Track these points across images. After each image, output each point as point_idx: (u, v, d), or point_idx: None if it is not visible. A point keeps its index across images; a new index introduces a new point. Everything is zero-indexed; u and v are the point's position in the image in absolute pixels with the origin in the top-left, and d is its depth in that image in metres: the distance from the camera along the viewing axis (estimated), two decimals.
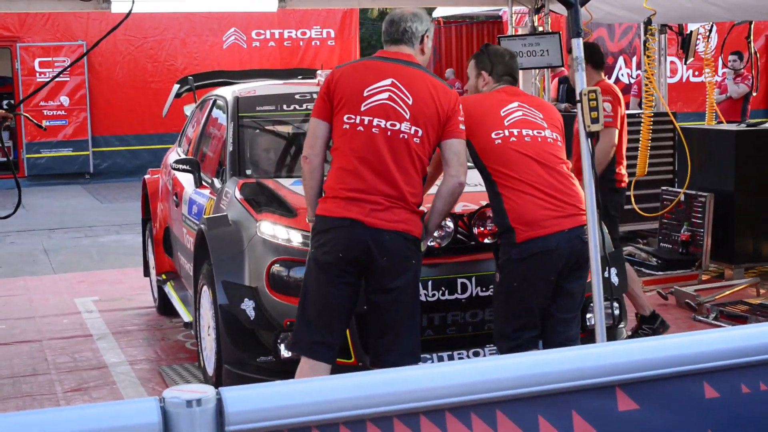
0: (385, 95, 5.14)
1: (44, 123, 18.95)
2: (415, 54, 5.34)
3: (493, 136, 5.45)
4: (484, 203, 5.99)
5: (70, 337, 8.52)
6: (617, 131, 7.54)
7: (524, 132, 5.48)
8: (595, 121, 4.74)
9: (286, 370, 5.68)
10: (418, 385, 2.27)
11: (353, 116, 5.13)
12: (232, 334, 5.97)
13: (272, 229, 6.04)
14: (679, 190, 10.33)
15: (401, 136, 5.11)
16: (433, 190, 5.42)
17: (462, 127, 5.26)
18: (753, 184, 9.96)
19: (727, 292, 9.22)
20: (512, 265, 5.36)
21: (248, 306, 5.90)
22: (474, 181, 6.34)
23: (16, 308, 9.71)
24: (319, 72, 7.98)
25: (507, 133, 5.46)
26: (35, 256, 12.98)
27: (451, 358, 5.90)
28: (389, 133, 5.10)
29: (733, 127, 10.78)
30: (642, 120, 10.33)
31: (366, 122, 5.11)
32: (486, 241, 6.01)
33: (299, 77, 8.86)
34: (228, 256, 6.13)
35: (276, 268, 5.92)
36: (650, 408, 2.43)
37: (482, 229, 6.03)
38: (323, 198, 5.20)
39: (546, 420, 2.34)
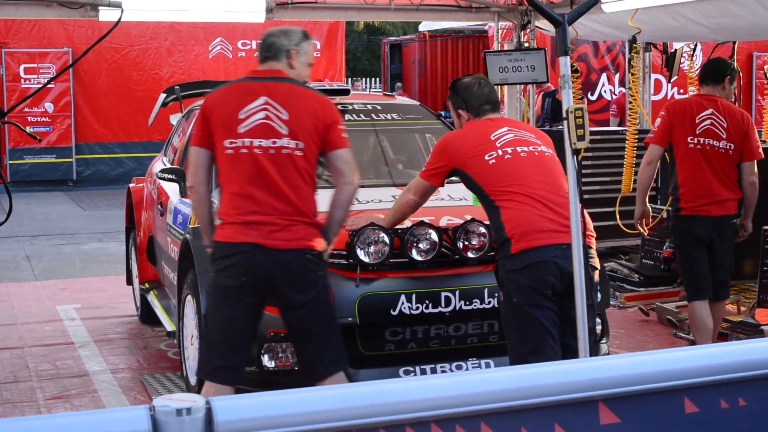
0: (261, 114, 5.15)
1: (29, 129, 18.90)
2: (284, 69, 5.35)
3: (486, 158, 5.39)
4: (468, 217, 6.02)
5: (52, 345, 8.50)
6: (660, 149, 7.49)
7: (519, 149, 5.44)
8: (581, 138, 4.76)
9: (269, 381, 5.73)
10: (404, 397, 2.29)
11: (234, 140, 5.13)
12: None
13: None
14: (662, 207, 10.37)
15: (284, 152, 5.13)
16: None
17: (344, 135, 5.28)
18: None
19: None
20: (509, 277, 5.26)
21: None
22: (458, 195, 6.37)
23: None
24: (307, 84, 7.98)
25: (500, 152, 5.41)
26: (17, 263, 12.95)
27: (434, 371, 5.88)
28: (272, 151, 5.12)
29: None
30: (626, 137, 10.39)
31: (247, 144, 5.12)
32: (470, 255, 6.03)
33: None
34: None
35: None
36: (631, 422, 2.46)
37: (467, 243, 6.04)
38: (220, 225, 5.22)
39: None
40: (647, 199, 7.62)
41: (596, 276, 5.50)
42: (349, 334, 5.83)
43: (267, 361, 5.83)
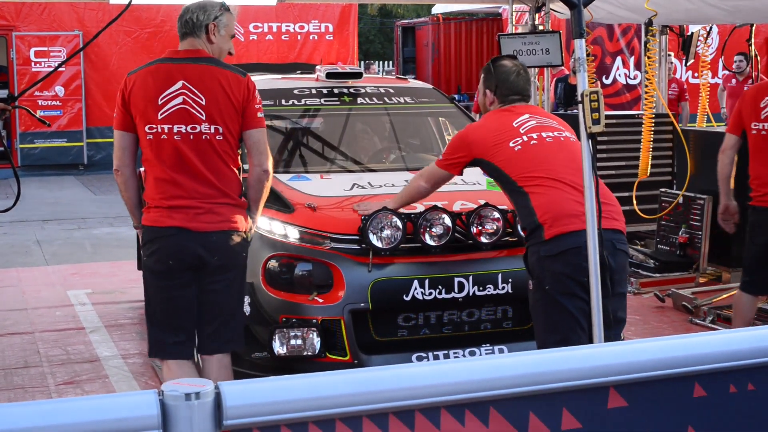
0: (179, 99, 5.19)
1: (38, 113, 18.93)
2: (203, 45, 5.36)
3: (511, 145, 5.32)
4: (482, 202, 5.99)
5: (63, 330, 8.51)
6: (733, 137, 7.38)
7: (543, 134, 5.37)
8: (596, 122, 4.72)
9: (280, 366, 5.73)
10: (414, 382, 2.29)
11: (154, 126, 5.20)
12: None
13: (269, 225, 6.03)
14: (677, 192, 10.33)
15: (204, 137, 5.18)
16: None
17: (259, 115, 5.27)
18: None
19: (725, 296, 9.21)
20: (542, 264, 5.13)
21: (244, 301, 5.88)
22: (472, 179, 6.33)
23: (8, 300, 9.69)
24: (318, 67, 7.97)
25: (525, 138, 5.34)
26: (28, 247, 12.96)
27: (446, 357, 5.87)
28: (192, 137, 5.17)
29: None
30: (642, 121, 10.34)
31: (167, 130, 5.18)
32: (483, 240, 6.00)
33: (298, 72, 8.77)
34: None
35: (272, 263, 5.93)
36: (638, 406, 2.47)
37: (480, 228, 6.02)
38: (147, 208, 5.30)
39: (537, 417, 2.37)
40: (730, 193, 7.47)
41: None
42: (362, 320, 5.84)
43: (278, 347, 5.82)
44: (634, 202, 10.14)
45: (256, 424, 2.11)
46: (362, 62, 30.06)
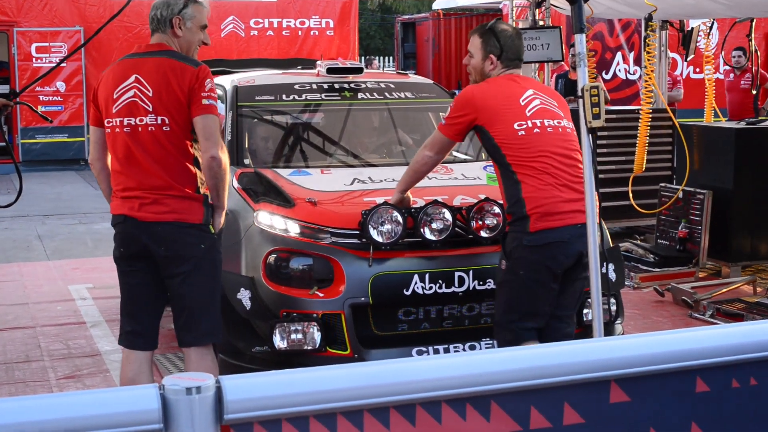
0: (131, 93, 5.25)
1: (40, 108, 18.92)
2: (168, 39, 5.39)
3: (515, 126, 5.40)
4: (482, 197, 5.99)
5: (64, 324, 8.52)
6: None
7: (546, 122, 5.44)
8: (596, 116, 4.73)
9: (281, 361, 5.71)
10: (415, 377, 2.29)
11: (110, 120, 5.30)
12: (228, 324, 5.97)
13: (269, 219, 6.03)
14: (677, 186, 10.34)
15: (149, 129, 5.21)
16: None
17: (206, 102, 5.20)
18: (751, 182, 9.97)
19: (724, 290, 9.24)
20: (522, 252, 5.31)
21: (244, 296, 5.90)
22: (473, 174, 6.34)
23: (9, 294, 9.70)
24: (319, 62, 7.97)
25: (530, 123, 5.41)
26: (29, 242, 12.97)
27: (447, 351, 5.88)
28: (139, 129, 5.22)
29: (732, 124, 10.79)
30: (640, 116, 10.34)
31: (118, 123, 5.27)
32: (484, 234, 6.01)
33: (299, 67, 8.80)
34: (225, 245, 6.13)
35: (273, 258, 5.92)
36: (641, 400, 2.46)
37: (480, 222, 6.03)
38: (112, 196, 5.41)
39: (538, 411, 2.37)
40: None
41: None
42: (362, 314, 5.85)
43: (279, 341, 5.81)
44: (631, 197, 10.14)
45: (257, 418, 2.11)
46: (363, 58, 30.04)
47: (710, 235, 9.94)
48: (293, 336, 5.79)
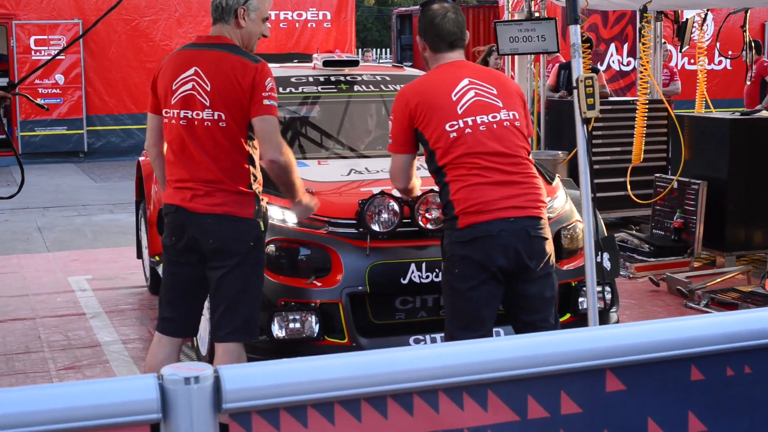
0: (189, 86, 5.22)
1: (39, 100, 18.92)
2: (230, 30, 5.35)
3: (447, 128, 5.12)
4: None
5: (64, 316, 8.54)
6: None
7: (479, 119, 5.11)
8: (591, 107, 4.75)
9: (279, 350, 5.76)
10: (412, 365, 2.29)
11: (168, 110, 5.28)
12: None
13: (267, 210, 6.03)
14: (672, 177, 10.37)
15: (205, 124, 5.19)
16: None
17: (267, 102, 5.16)
18: (746, 172, 9.99)
19: (719, 280, 9.28)
20: (453, 249, 5.10)
21: None
22: None
23: (9, 286, 9.72)
24: (315, 56, 8.01)
25: (461, 123, 5.10)
26: (29, 234, 12.98)
27: (443, 339, 5.86)
28: (195, 123, 5.20)
29: (727, 115, 10.81)
30: (636, 107, 10.37)
31: (175, 115, 5.25)
32: None
33: (295, 61, 8.88)
34: None
35: (270, 248, 5.95)
36: (636, 389, 2.47)
37: None
38: (167, 184, 5.41)
39: (535, 400, 2.38)
40: None
41: (548, 246, 5.20)
42: (360, 303, 5.90)
43: (277, 330, 5.86)
44: (629, 187, 10.17)
45: (255, 407, 2.12)
46: (360, 50, 30.02)
47: (705, 225, 9.97)
48: (291, 325, 5.84)
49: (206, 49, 5.30)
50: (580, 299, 6.15)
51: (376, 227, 5.92)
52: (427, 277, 5.94)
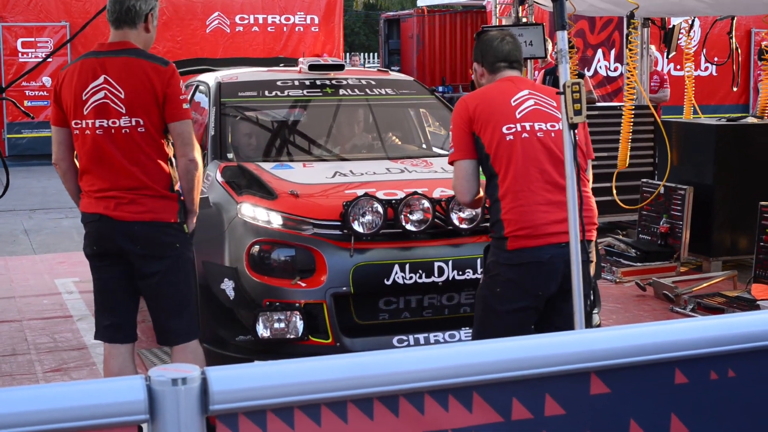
0: (101, 94, 5.19)
1: (26, 104, 18.91)
2: (136, 35, 5.34)
3: (504, 130, 5.03)
4: None
5: (50, 318, 8.53)
6: None
7: (536, 126, 5.06)
8: (578, 113, 4.76)
9: (264, 350, 5.84)
10: (398, 368, 2.30)
11: (79, 121, 5.24)
12: (211, 314, 6.04)
13: (252, 211, 6.12)
14: (658, 182, 10.39)
15: (123, 131, 5.18)
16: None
17: (185, 106, 5.24)
18: (732, 177, 10.03)
19: (705, 284, 9.30)
20: (499, 269, 5.02)
21: (228, 286, 6.00)
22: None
23: None
24: (301, 60, 8.05)
25: (519, 127, 5.03)
26: (16, 236, 12.96)
27: (427, 340, 6.00)
28: (113, 131, 5.18)
29: (713, 121, 10.86)
30: (623, 113, 10.40)
31: (90, 125, 5.21)
32: (463, 226, 6.11)
33: (281, 65, 8.96)
34: (209, 237, 6.19)
35: (256, 249, 6.00)
36: (620, 392, 2.48)
37: (459, 214, 6.12)
38: (82, 194, 5.39)
39: (519, 401, 2.39)
40: None
41: (592, 269, 5.25)
42: (344, 304, 5.95)
43: (262, 330, 5.90)
44: (614, 192, 10.20)
45: (242, 409, 2.13)
46: (347, 54, 30.04)
47: (691, 230, 10.00)
48: (276, 325, 5.88)
49: (113, 57, 5.26)
50: None
51: (359, 229, 5.96)
52: (411, 278, 5.98)
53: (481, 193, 5.24)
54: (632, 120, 10.37)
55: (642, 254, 10.11)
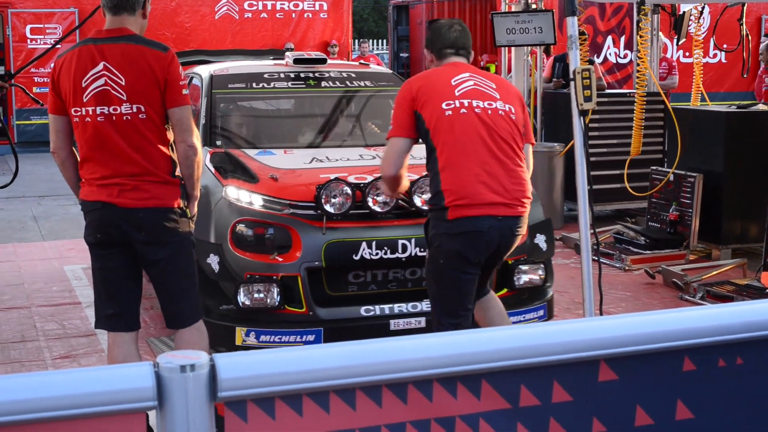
0: (101, 81, 5.18)
1: (34, 90, 18.91)
2: (133, 21, 5.32)
3: (443, 106, 5.41)
4: (424, 173, 6.31)
5: (59, 305, 8.55)
6: None
7: (475, 103, 5.42)
8: (588, 99, 4.75)
9: (245, 317, 6.38)
10: (407, 356, 2.30)
11: (79, 108, 5.22)
12: (199, 285, 6.26)
13: (236, 193, 6.63)
14: (668, 170, 10.38)
15: (125, 118, 5.18)
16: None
17: (184, 92, 5.24)
18: (742, 165, 10.01)
19: (714, 272, 9.29)
20: (441, 240, 5.45)
21: (213, 260, 6.44)
22: (418, 155, 6.61)
23: (5, 275, 9.73)
24: (287, 54, 8.70)
25: (458, 103, 5.40)
26: (24, 223, 12.98)
27: (392, 310, 6.54)
28: (114, 118, 5.18)
29: (723, 108, 10.82)
30: (634, 99, 10.36)
31: (91, 112, 5.19)
32: (425, 207, 6.48)
33: (271, 58, 9.69)
34: (197, 216, 6.39)
35: (239, 227, 6.49)
36: (628, 379, 2.49)
37: (422, 196, 6.55)
38: (82, 183, 5.37)
39: (527, 389, 2.39)
40: None
41: (518, 242, 5.71)
42: (317, 277, 6.48)
43: (243, 298, 6.38)
44: (626, 179, 10.18)
45: (251, 396, 2.13)
46: (356, 41, 30.00)
47: (701, 217, 9.98)
48: (256, 295, 6.41)
49: (111, 43, 5.25)
50: (516, 276, 6.72)
51: (331, 209, 6.49)
52: (377, 254, 6.50)
53: (404, 179, 5.67)
54: (644, 107, 10.35)
55: (651, 242, 10.10)
